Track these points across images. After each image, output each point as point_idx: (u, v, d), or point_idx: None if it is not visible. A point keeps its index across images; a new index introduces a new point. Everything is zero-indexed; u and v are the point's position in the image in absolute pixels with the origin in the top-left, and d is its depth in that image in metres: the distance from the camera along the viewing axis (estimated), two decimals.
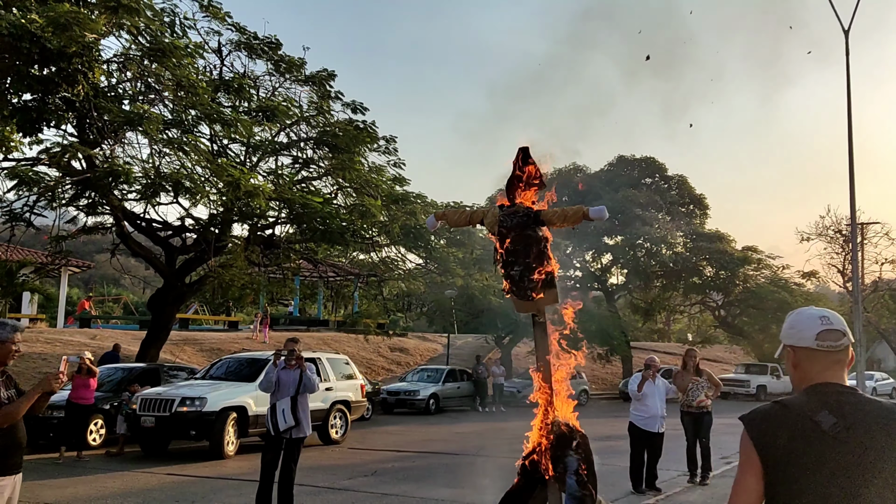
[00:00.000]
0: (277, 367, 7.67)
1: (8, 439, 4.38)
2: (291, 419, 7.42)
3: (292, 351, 7.62)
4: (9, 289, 17.16)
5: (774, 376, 33.54)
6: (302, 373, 7.56)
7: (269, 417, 7.57)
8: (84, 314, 31.69)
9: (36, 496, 8.81)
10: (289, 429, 7.42)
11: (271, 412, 7.52)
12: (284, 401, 7.43)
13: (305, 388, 7.57)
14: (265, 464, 7.70)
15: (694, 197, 38.99)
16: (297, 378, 7.50)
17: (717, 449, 12.18)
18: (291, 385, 7.47)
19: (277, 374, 7.61)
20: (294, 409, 7.42)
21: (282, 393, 7.46)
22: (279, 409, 7.43)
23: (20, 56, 11.35)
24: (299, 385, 7.50)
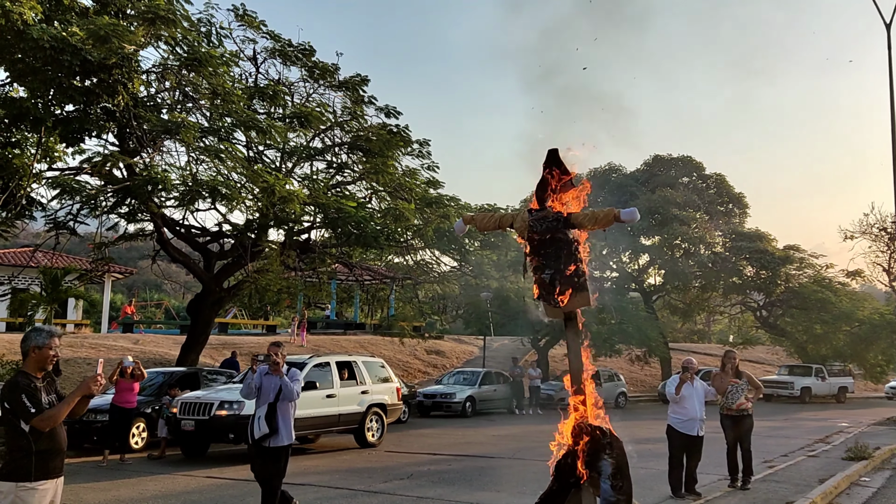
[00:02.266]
0: (257, 372, 7.32)
1: (50, 443, 4.47)
2: (266, 427, 7.04)
3: (268, 356, 7.26)
4: (54, 295, 17.63)
5: (819, 378, 32.69)
6: (281, 380, 7.17)
7: (248, 426, 7.26)
8: (127, 319, 32.43)
9: (79, 499, 9.02)
10: (264, 437, 7.05)
11: (251, 421, 7.20)
12: (262, 408, 7.10)
13: (284, 396, 7.16)
14: (255, 473, 7.37)
15: (733, 196, 38.28)
16: (278, 385, 7.13)
17: (759, 453, 11.92)
18: (272, 392, 7.09)
19: (259, 381, 7.24)
20: (271, 416, 7.04)
21: (262, 400, 7.11)
22: (256, 417, 7.10)
23: (62, 68, 11.66)
24: (279, 392, 7.10)
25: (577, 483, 4.99)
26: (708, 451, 9.68)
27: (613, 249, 34.71)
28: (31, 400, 4.37)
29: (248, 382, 7.21)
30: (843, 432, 18.04)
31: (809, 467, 11.71)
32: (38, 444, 4.38)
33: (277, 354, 7.20)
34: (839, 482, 10.08)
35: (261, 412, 7.05)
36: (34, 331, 4.61)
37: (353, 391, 14.76)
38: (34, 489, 4.34)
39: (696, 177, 38.50)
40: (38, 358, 4.55)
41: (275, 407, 7.02)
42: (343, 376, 14.81)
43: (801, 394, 31.62)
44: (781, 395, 31.66)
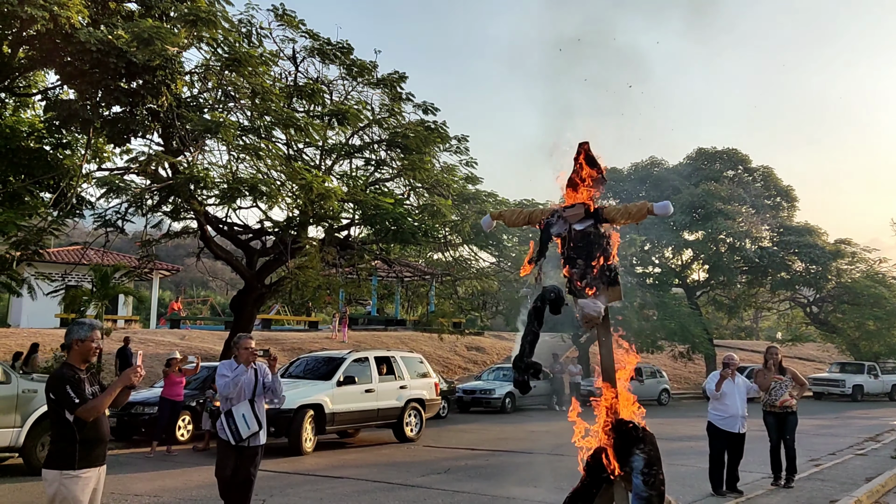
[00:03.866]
0: (238, 368, 6.67)
1: (93, 432, 4.63)
2: (255, 423, 6.60)
3: (266, 350, 6.95)
4: (104, 292, 18.19)
5: (872, 375, 31.69)
6: (256, 373, 6.67)
7: (226, 425, 6.55)
8: (174, 315, 33.25)
9: (127, 488, 9.30)
10: (252, 434, 6.57)
11: (227, 419, 6.55)
12: (243, 405, 6.56)
13: (265, 391, 6.70)
14: (226, 477, 6.64)
15: (780, 189, 37.31)
16: (253, 379, 6.64)
17: (805, 451, 11.64)
18: (248, 387, 6.61)
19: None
20: (255, 412, 6.61)
21: (238, 397, 6.58)
22: (237, 415, 6.53)
23: (108, 70, 12.00)
24: (255, 387, 6.63)
25: (609, 478, 4.96)
26: (752, 449, 9.51)
27: (656, 245, 34.21)
28: (75, 391, 4.54)
29: (238, 377, 6.57)
30: (894, 431, 17.47)
31: (857, 466, 11.38)
32: (81, 434, 4.54)
33: (249, 348, 6.74)
34: (886, 481, 9.78)
35: (242, 409, 6.55)
36: (76, 324, 4.79)
37: (391, 386, 14.88)
38: (78, 477, 4.50)
39: (741, 170, 37.63)
40: (81, 350, 4.72)
41: (254, 402, 6.63)
42: (381, 371, 14.95)
43: (852, 392, 30.70)
44: (832, 393, 30.80)
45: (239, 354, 6.68)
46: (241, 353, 6.66)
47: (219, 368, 6.76)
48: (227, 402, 6.58)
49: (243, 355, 6.65)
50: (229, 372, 6.61)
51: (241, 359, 6.66)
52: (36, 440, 10.35)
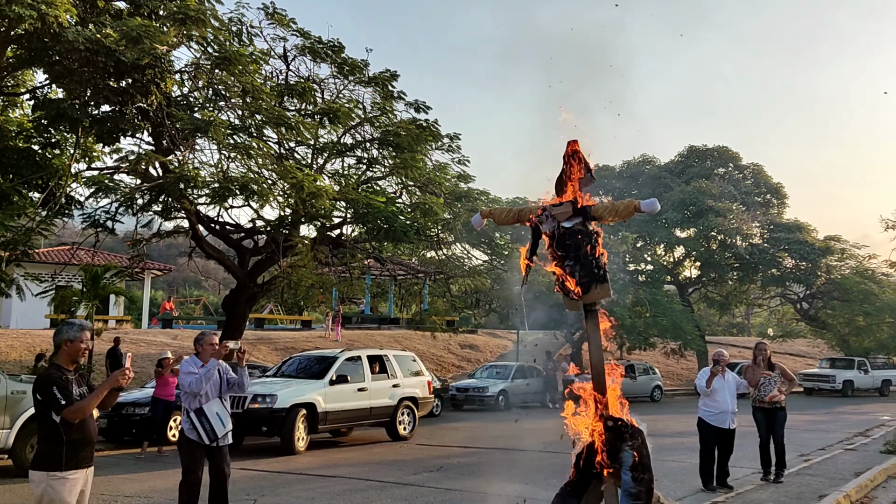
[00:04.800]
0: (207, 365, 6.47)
1: (80, 434, 4.60)
2: (229, 423, 6.45)
3: (211, 344, 6.58)
4: (95, 292, 18.10)
5: (862, 371, 31.89)
6: (219, 371, 6.47)
7: (199, 425, 6.31)
8: (166, 315, 33.13)
9: (117, 489, 9.27)
10: (226, 433, 6.44)
11: (200, 418, 6.32)
12: (214, 403, 6.40)
13: (230, 387, 6.52)
14: (197, 480, 6.40)
15: (771, 186, 37.50)
16: (217, 377, 6.44)
17: (795, 446, 11.71)
18: (214, 385, 6.43)
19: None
20: (226, 411, 6.45)
21: (207, 395, 6.37)
22: (210, 413, 6.34)
23: (97, 69, 11.97)
24: (221, 384, 6.45)
25: (598, 474, 4.98)
26: (741, 445, 9.56)
27: (648, 242, 34.32)
28: (62, 392, 4.51)
29: (210, 372, 6.35)
30: (884, 426, 17.59)
31: (846, 461, 11.46)
32: (68, 435, 4.52)
33: (214, 345, 6.58)
34: (875, 475, 9.85)
35: (214, 408, 6.38)
36: (66, 324, 4.77)
37: (384, 385, 14.87)
38: (65, 478, 4.48)
39: (732, 167, 37.82)
40: (69, 351, 4.69)
41: (223, 400, 6.48)
42: (374, 370, 14.94)
43: (842, 387, 30.88)
44: (823, 389, 30.98)
45: (203, 351, 6.54)
46: (205, 350, 6.53)
47: (182, 366, 6.59)
48: (196, 401, 6.35)
49: (208, 351, 6.51)
50: (196, 369, 6.41)
51: (205, 356, 6.50)
52: (25, 442, 10.28)
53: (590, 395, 5.08)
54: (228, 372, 6.56)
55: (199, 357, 6.57)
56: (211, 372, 6.37)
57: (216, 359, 6.45)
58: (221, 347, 6.50)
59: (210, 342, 6.56)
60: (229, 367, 6.62)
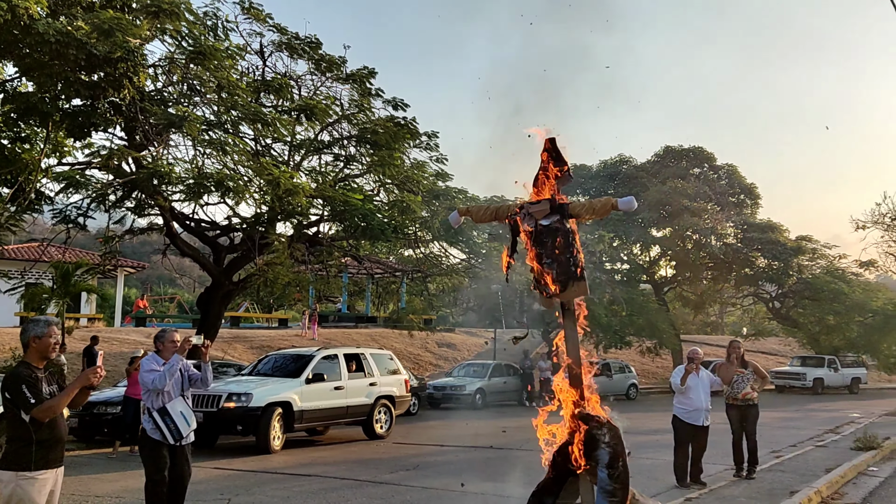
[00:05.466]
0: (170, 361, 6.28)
1: (50, 433, 4.51)
2: (194, 420, 6.34)
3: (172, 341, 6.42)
4: (65, 289, 17.79)
5: (832, 369, 32.48)
6: (181, 367, 6.34)
7: (163, 424, 6.15)
8: (140, 313, 32.69)
9: (88, 489, 9.12)
10: (190, 432, 6.32)
11: (164, 417, 6.17)
12: (178, 401, 6.28)
13: (192, 383, 6.41)
14: (164, 484, 6.21)
15: (744, 186, 37.99)
16: (179, 374, 6.32)
17: (768, 443, 11.87)
18: (177, 383, 6.28)
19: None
20: (189, 408, 6.35)
21: (167, 395, 6.21)
22: (174, 412, 6.20)
23: (68, 62, 11.74)
24: (183, 382, 6.33)
25: (574, 472, 4.99)
26: (714, 441, 9.66)
27: (624, 241, 34.59)
28: (31, 390, 4.41)
29: (172, 369, 6.19)
30: (853, 423, 17.90)
31: (817, 457, 11.64)
32: (38, 434, 4.42)
33: (175, 342, 6.41)
34: (846, 472, 10.02)
35: (178, 406, 6.26)
36: (32, 321, 4.66)
37: (361, 383, 14.81)
38: (34, 479, 4.38)
39: (707, 168, 38.23)
40: (38, 347, 4.59)
41: (185, 398, 6.37)
42: (351, 368, 14.87)
43: (813, 385, 31.42)
44: (794, 387, 31.48)
45: (164, 349, 6.39)
46: (166, 347, 6.38)
47: (143, 364, 6.41)
48: (159, 399, 6.21)
49: (169, 349, 6.36)
50: (157, 366, 6.26)
51: (167, 353, 6.34)
52: None
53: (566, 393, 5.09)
54: (190, 368, 6.44)
55: (160, 354, 6.40)
56: (174, 368, 6.20)
57: (179, 353, 6.31)
58: (184, 342, 6.35)
59: (171, 339, 6.40)
60: (191, 364, 6.48)
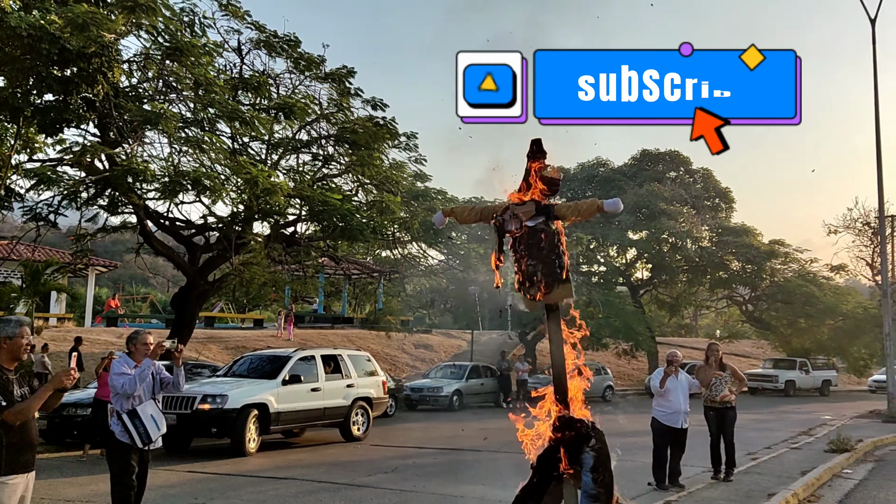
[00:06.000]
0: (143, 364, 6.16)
1: (21, 437, 4.39)
2: (164, 424, 6.23)
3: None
4: (35, 288, 17.41)
5: (803, 371, 32.97)
6: (153, 370, 6.19)
7: (132, 427, 6.01)
8: (111, 313, 32.14)
9: (58, 493, 8.90)
10: (159, 436, 6.20)
11: (133, 420, 6.02)
12: (149, 404, 6.14)
13: (163, 387, 6.29)
14: (129, 488, 6.08)
15: (719, 190, 38.49)
16: (150, 377, 6.18)
17: (743, 445, 11.96)
18: (147, 386, 6.16)
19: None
20: (159, 412, 6.22)
21: (137, 398, 6.09)
22: (145, 415, 6.05)
23: (41, 57, 11.48)
24: (154, 385, 6.20)
25: (559, 476, 4.95)
26: (691, 444, 9.70)
27: (601, 243, 34.81)
28: (1, 393, 4.29)
29: (144, 373, 6.06)
30: (826, 425, 18.17)
31: (792, 459, 11.77)
32: (8, 438, 4.29)
33: (148, 344, 6.28)
34: (821, 474, 10.13)
35: (149, 409, 6.11)
36: (2, 322, 4.52)
37: (338, 385, 14.67)
38: (4, 483, 4.26)
39: (683, 171, 38.66)
40: (10, 349, 4.45)
41: (156, 401, 6.25)
42: (328, 370, 14.74)
43: (785, 387, 31.87)
44: (766, 389, 31.89)
45: (136, 351, 6.24)
46: (138, 350, 6.23)
47: (113, 366, 6.25)
48: (128, 402, 6.06)
49: (141, 351, 6.21)
50: (128, 369, 6.10)
51: (138, 355, 6.19)
52: None
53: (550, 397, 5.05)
54: (162, 371, 6.30)
55: (131, 357, 6.24)
56: (145, 373, 6.07)
57: (151, 358, 6.16)
58: (156, 347, 6.21)
59: (144, 342, 6.25)
60: (162, 367, 6.34)
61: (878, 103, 20.15)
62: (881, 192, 20.60)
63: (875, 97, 20.17)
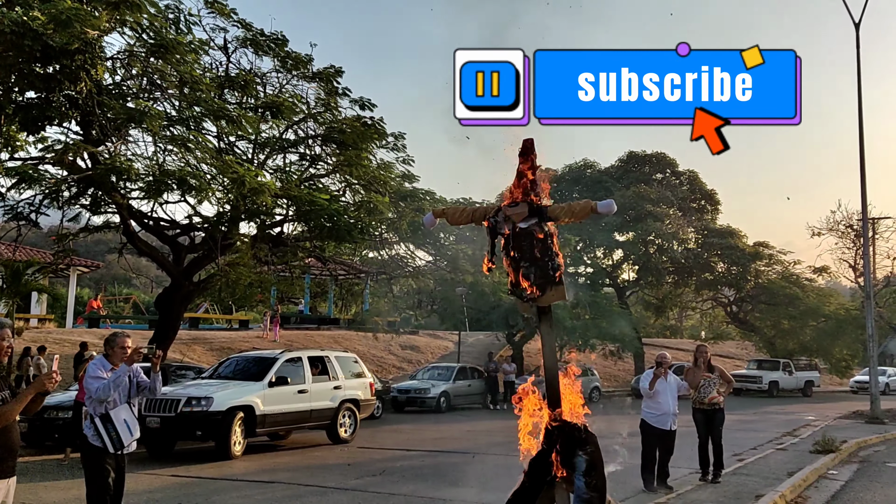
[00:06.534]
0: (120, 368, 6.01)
1: (1, 442, 4.29)
2: (137, 429, 6.13)
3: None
4: (15, 289, 17.14)
5: (786, 372, 33.24)
6: (129, 374, 6.05)
7: (104, 431, 5.91)
8: (93, 314, 31.77)
9: (39, 498, 8.74)
10: (133, 441, 6.09)
11: (106, 425, 5.92)
12: (123, 409, 6.01)
13: (139, 391, 6.14)
14: (104, 492, 5.97)
15: (705, 192, 38.68)
16: (127, 381, 6.04)
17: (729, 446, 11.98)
18: (123, 391, 6.03)
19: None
20: (133, 417, 6.12)
21: (112, 402, 5.97)
22: (118, 420, 5.95)
23: (23, 53, 11.26)
24: (130, 388, 6.06)
25: (551, 480, 4.90)
26: (679, 445, 9.70)
27: (588, 245, 34.88)
28: None
29: (119, 378, 5.92)
30: (810, 426, 18.28)
31: (778, 460, 11.81)
32: None
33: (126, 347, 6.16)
34: (808, 475, 10.17)
35: (122, 414, 6.00)
36: None
37: (325, 386, 14.55)
38: None
39: (669, 173, 38.83)
40: None
41: (131, 406, 6.13)
42: (315, 371, 14.61)
43: (769, 388, 32.12)
44: (750, 389, 32.09)
45: (114, 354, 6.09)
46: (116, 353, 6.08)
47: (89, 369, 6.09)
48: (101, 406, 5.93)
49: (118, 355, 6.07)
50: (104, 372, 5.98)
51: (115, 358, 6.05)
52: None
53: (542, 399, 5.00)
54: (139, 375, 6.13)
55: (108, 359, 6.10)
56: (121, 378, 5.92)
57: (127, 364, 6.01)
58: (133, 353, 6.06)
59: (122, 345, 6.10)
60: (140, 370, 6.19)
61: (861, 105, 20.29)
62: (864, 194, 20.76)
63: (858, 99, 20.31)
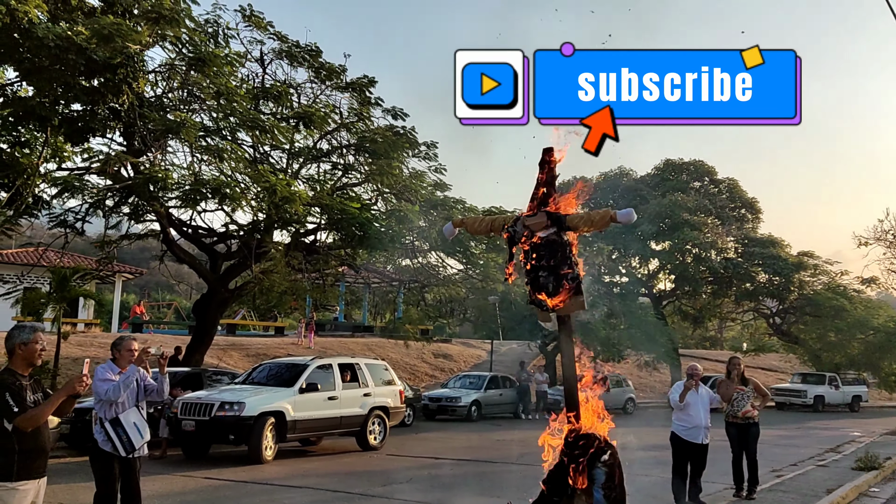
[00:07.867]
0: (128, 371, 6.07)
1: (33, 443, 4.41)
2: (147, 432, 6.17)
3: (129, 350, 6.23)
4: (62, 294, 17.65)
5: (832, 386, 32.24)
6: (137, 377, 6.09)
7: (115, 435, 5.96)
8: (136, 319, 32.54)
9: (76, 497, 8.96)
10: (143, 444, 6.13)
11: (116, 428, 5.97)
12: (132, 412, 6.06)
13: (146, 394, 6.17)
14: (112, 498, 6.05)
15: (745, 201, 37.94)
16: (135, 384, 6.09)
17: (767, 461, 11.72)
18: (131, 394, 6.06)
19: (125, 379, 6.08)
20: (142, 419, 6.16)
21: (121, 405, 6.00)
22: (127, 423, 5.99)
23: (68, 67, 11.69)
24: (138, 392, 6.10)
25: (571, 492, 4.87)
26: (714, 460, 9.51)
27: (623, 254, 34.50)
28: (14, 399, 4.32)
29: (128, 380, 5.97)
30: (854, 442, 17.73)
31: (818, 477, 11.49)
32: (21, 444, 4.32)
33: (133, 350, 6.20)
34: (847, 492, 9.87)
35: (132, 417, 6.05)
36: (17, 328, 4.56)
37: (355, 393, 14.67)
38: (15, 489, 4.28)
39: (707, 181, 38.20)
40: (24, 354, 4.49)
41: (140, 409, 6.17)
42: (345, 378, 14.73)
43: (813, 402, 31.20)
44: (794, 404, 31.26)
45: (121, 357, 6.16)
46: (123, 356, 6.15)
47: (97, 372, 6.12)
48: (111, 409, 5.98)
49: (126, 357, 6.13)
50: (112, 375, 6.00)
51: (123, 362, 6.10)
52: None
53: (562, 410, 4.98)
54: (146, 378, 6.20)
55: (115, 363, 6.16)
56: (130, 379, 5.97)
57: (136, 366, 6.09)
58: (142, 353, 6.14)
59: (128, 347, 6.17)
60: (147, 373, 6.27)
61: None
62: None
63: None
